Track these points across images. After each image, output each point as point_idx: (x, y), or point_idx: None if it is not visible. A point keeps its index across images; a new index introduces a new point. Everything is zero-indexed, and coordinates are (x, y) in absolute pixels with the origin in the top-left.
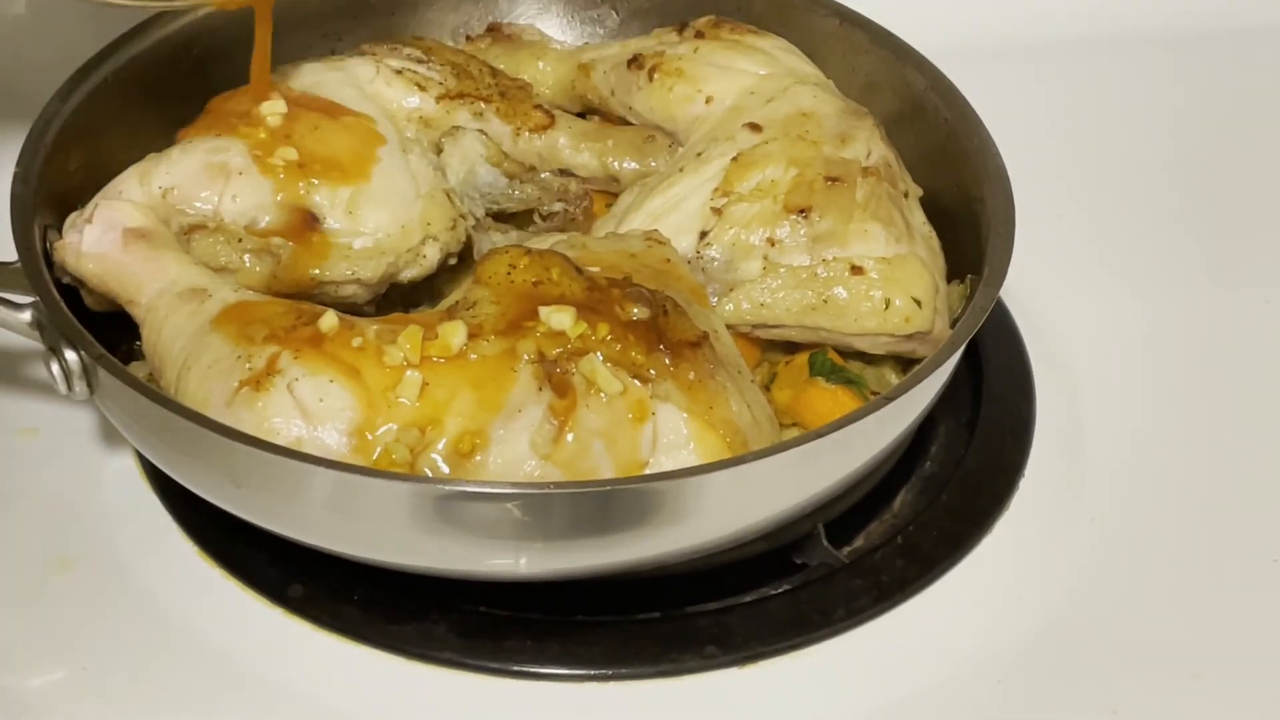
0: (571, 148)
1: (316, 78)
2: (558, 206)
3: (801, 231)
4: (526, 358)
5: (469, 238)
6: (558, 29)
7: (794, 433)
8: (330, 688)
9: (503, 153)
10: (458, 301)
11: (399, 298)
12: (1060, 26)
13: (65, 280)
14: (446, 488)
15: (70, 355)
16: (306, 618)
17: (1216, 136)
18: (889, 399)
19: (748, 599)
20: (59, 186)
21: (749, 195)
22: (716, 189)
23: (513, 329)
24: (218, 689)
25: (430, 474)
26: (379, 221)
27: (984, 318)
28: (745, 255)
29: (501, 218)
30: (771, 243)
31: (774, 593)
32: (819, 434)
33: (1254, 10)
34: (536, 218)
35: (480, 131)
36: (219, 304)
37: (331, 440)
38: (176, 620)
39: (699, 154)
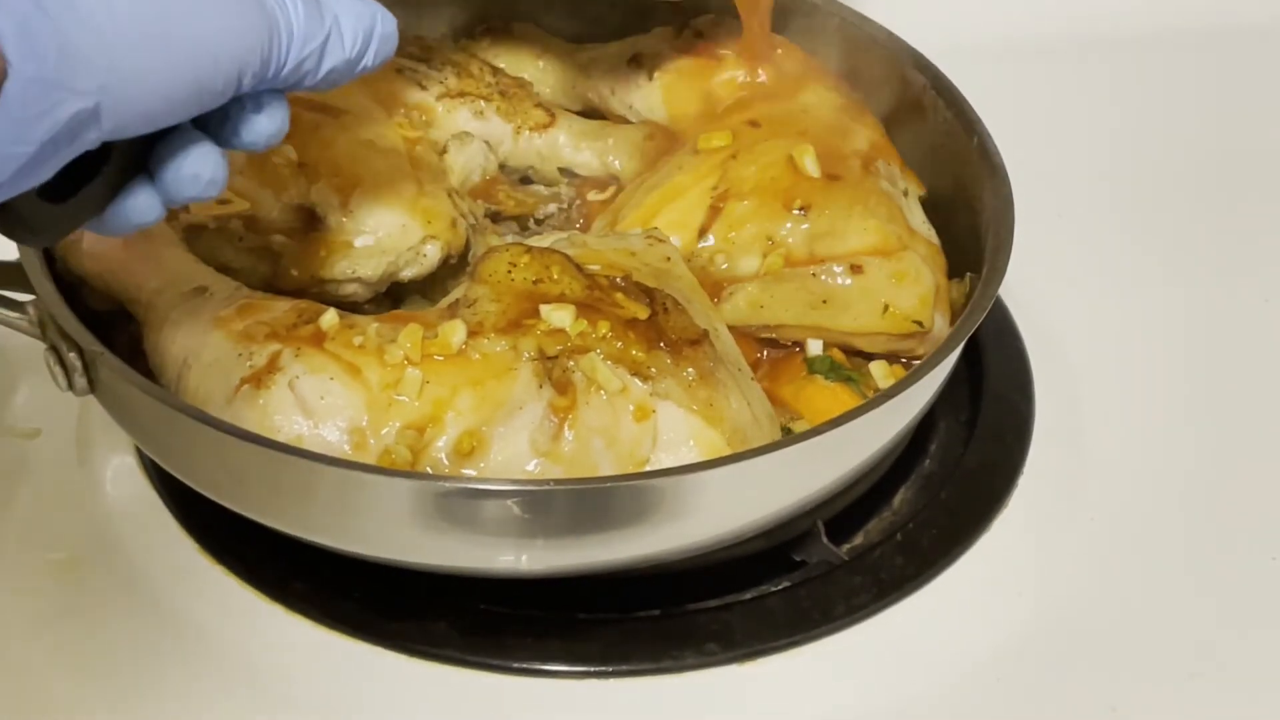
0: (572, 146)
1: None
2: (551, 209)
3: (800, 229)
4: (527, 355)
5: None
6: (558, 29)
7: (793, 430)
8: (330, 685)
9: (500, 169)
10: (458, 300)
11: (400, 296)
12: (1060, 26)
13: (66, 278)
14: (447, 484)
15: (71, 353)
16: (307, 614)
17: (1217, 136)
18: (888, 397)
19: (747, 596)
20: None
21: (747, 193)
22: (715, 186)
23: (513, 327)
24: (218, 686)
25: (431, 471)
26: (379, 220)
27: (983, 316)
28: (744, 253)
29: (499, 219)
30: (770, 240)
31: (774, 590)
32: (818, 431)
33: (1254, 10)
34: (531, 222)
35: (485, 143)
36: (220, 302)
37: (333, 437)
38: (177, 618)
39: (697, 151)
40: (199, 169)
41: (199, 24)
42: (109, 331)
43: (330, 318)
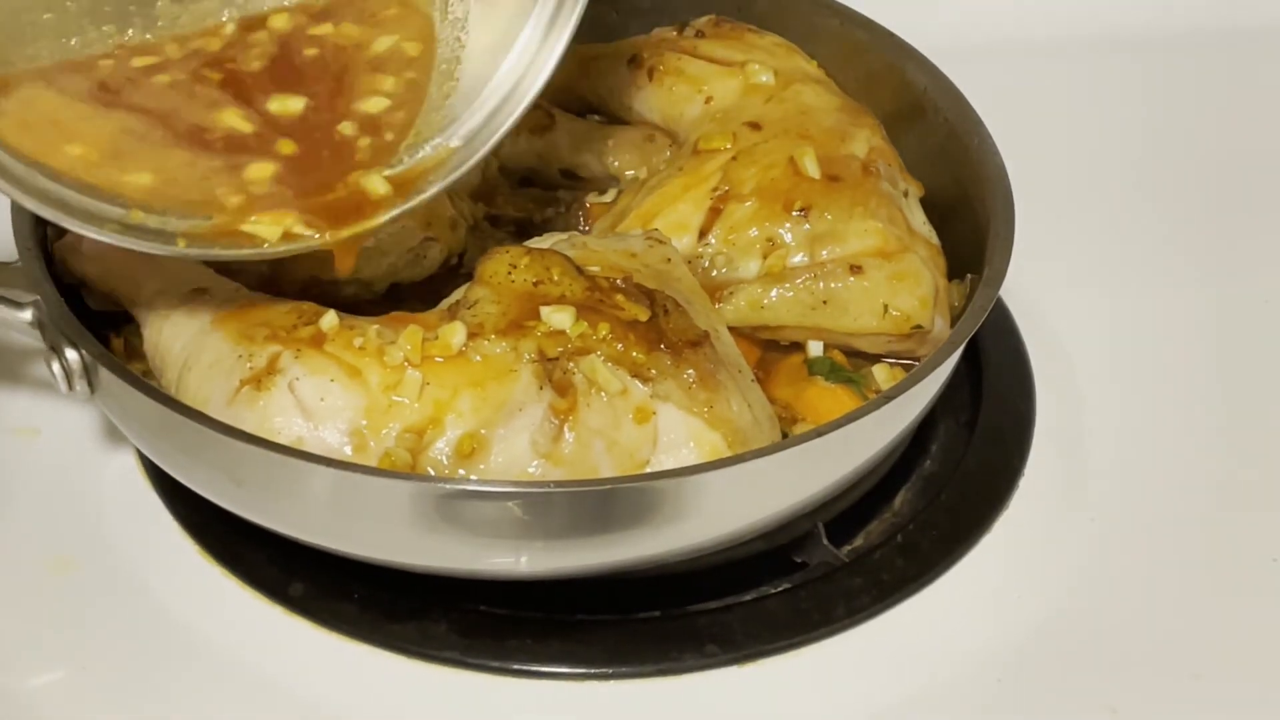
0: (571, 148)
1: None
2: (551, 211)
3: (801, 230)
4: (527, 357)
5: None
6: None
7: (794, 431)
8: (330, 686)
9: (499, 173)
10: (458, 301)
11: (396, 299)
12: (1060, 26)
13: (66, 280)
14: (447, 486)
15: (71, 354)
16: (307, 616)
17: (1217, 137)
18: (889, 398)
19: (748, 598)
20: None
21: (748, 194)
22: (715, 188)
23: (513, 329)
24: (218, 688)
25: (432, 473)
26: None
27: (984, 317)
28: (744, 254)
29: (499, 222)
30: (771, 241)
31: (774, 592)
32: (819, 433)
33: (1254, 10)
34: (531, 224)
35: None
36: (220, 303)
37: (332, 439)
38: (176, 619)
39: (698, 153)
40: None
41: None
42: (109, 333)
43: (330, 319)
